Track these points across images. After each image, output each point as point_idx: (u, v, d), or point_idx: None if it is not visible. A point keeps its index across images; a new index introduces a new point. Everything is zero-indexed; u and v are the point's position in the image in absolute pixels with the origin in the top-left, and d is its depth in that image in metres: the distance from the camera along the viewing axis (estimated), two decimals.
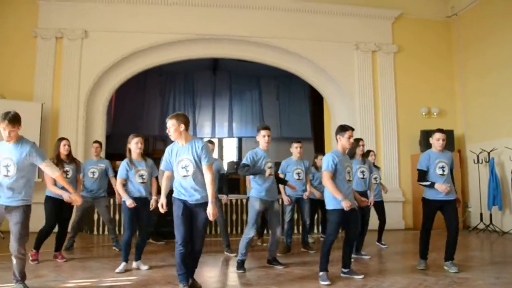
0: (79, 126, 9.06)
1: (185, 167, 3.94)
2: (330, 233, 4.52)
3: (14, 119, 3.74)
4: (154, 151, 14.25)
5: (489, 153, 8.95)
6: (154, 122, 14.55)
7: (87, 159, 9.26)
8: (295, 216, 7.61)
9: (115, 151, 7.84)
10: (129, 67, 9.64)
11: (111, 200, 7.90)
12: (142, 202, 5.07)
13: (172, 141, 4.09)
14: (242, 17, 9.79)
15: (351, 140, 4.58)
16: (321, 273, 4.46)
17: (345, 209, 4.37)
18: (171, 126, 3.96)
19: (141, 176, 5.03)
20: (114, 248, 6.54)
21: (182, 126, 3.94)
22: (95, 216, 8.41)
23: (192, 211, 4.00)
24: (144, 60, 9.71)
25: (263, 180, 5.09)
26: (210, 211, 3.89)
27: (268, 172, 5.09)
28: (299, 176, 6.38)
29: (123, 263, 5.00)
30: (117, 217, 8.10)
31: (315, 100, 12.90)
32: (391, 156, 9.92)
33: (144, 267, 5.11)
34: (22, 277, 3.96)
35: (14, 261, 3.88)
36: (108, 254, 6.26)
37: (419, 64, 10.32)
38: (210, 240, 7.63)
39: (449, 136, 9.48)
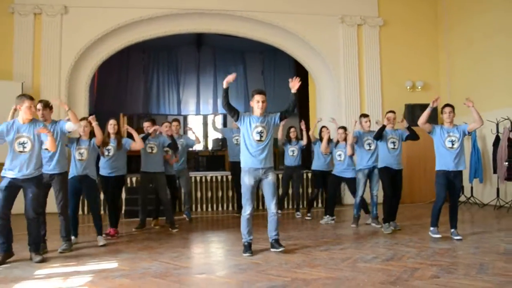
0: None
1: None
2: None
3: None
4: (138, 129, 14.06)
5: None
6: (138, 99, 14.35)
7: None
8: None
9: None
10: (112, 44, 9.44)
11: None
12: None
13: None
14: None
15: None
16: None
17: None
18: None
19: (81, 154, 5.49)
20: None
21: None
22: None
23: None
24: (127, 36, 9.51)
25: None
26: None
27: (255, 137, 4.67)
28: (370, 147, 6.56)
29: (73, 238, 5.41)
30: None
31: (300, 74, 12.75)
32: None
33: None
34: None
35: None
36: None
37: (405, 37, 10.31)
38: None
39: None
